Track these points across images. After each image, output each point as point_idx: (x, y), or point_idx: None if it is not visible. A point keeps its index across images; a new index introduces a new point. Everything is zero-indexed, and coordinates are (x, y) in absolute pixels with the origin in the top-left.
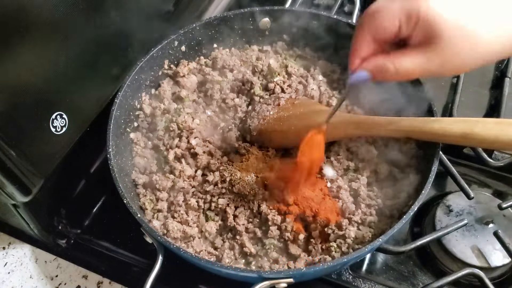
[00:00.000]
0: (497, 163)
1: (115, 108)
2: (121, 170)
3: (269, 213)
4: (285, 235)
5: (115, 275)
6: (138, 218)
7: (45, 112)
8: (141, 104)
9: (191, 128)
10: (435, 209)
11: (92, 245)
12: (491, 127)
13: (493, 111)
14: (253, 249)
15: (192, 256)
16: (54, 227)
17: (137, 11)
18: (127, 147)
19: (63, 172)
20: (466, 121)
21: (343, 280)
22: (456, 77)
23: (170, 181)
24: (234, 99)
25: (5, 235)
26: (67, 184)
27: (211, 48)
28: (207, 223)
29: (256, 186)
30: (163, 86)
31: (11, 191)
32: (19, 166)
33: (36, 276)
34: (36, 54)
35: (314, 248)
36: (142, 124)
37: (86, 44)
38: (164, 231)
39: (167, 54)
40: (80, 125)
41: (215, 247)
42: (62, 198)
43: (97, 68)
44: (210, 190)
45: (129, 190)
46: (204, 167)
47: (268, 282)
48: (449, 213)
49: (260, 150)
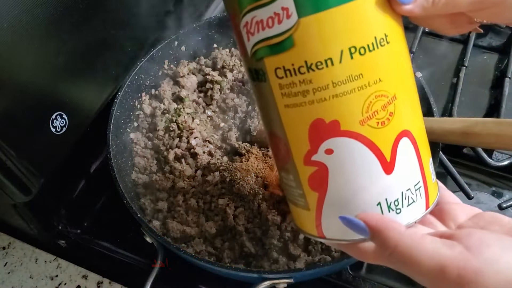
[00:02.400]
0: (497, 163)
1: (115, 108)
2: (121, 170)
3: (269, 213)
4: (285, 235)
5: (115, 275)
6: (138, 218)
7: (45, 112)
8: (141, 104)
9: (191, 128)
10: None
11: (92, 245)
12: (491, 127)
13: (493, 111)
14: (253, 249)
15: (192, 256)
16: (54, 227)
17: (137, 11)
18: (127, 147)
19: (63, 172)
20: (466, 121)
21: (343, 280)
22: (456, 77)
23: (170, 181)
24: (234, 99)
25: (5, 235)
26: (67, 184)
27: (211, 48)
28: (207, 223)
29: (256, 186)
30: (163, 86)
31: (11, 191)
32: (19, 166)
33: (36, 276)
34: (36, 54)
35: (314, 248)
36: (142, 124)
37: (86, 44)
38: (164, 231)
39: (167, 54)
40: (80, 125)
41: (215, 247)
42: (62, 198)
43: (97, 68)
44: (210, 190)
45: (129, 190)
46: (204, 167)
47: (268, 282)
48: None
49: (260, 150)
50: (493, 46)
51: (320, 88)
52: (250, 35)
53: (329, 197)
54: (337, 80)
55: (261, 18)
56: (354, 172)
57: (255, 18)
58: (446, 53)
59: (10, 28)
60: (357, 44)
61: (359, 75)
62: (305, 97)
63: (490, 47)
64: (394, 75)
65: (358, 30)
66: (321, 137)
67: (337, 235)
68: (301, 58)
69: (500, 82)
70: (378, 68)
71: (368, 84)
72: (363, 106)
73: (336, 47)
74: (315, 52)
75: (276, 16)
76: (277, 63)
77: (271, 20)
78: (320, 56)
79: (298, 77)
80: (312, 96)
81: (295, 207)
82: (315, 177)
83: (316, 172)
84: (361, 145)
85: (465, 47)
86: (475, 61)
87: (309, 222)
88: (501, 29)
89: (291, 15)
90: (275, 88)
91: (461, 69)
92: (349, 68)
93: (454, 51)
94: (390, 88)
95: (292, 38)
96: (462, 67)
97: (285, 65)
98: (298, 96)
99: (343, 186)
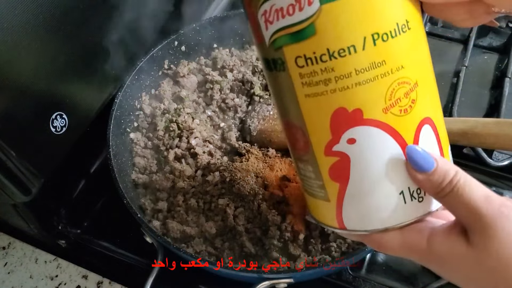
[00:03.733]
0: (497, 163)
1: (115, 108)
2: (121, 170)
3: (269, 213)
4: (285, 235)
5: (115, 275)
6: (138, 218)
7: (45, 112)
8: (141, 104)
9: (191, 128)
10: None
11: (92, 245)
12: (491, 127)
13: (493, 111)
14: (253, 249)
15: (192, 256)
16: (54, 227)
17: (137, 11)
18: (127, 147)
19: (63, 172)
20: (466, 121)
21: (343, 280)
22: (456, 77)
23: (170, 181)
24: (234, 99)
25: (5, 235)
26: (67, 184)
27: (211, 48)
28: (207, 223)
29: (256, 186)
30: (163, 86)
31: (11, 191)
32: (19, 166)
33: (36, 276)
34: (36, 54)
35: (314, 248)
36: (142, 124)
37: (86, 44)
38: (164, 231)
39: (167, 54)
40: (80, 125)
41: (215, 247)
42: (62, 198)
43: (97, 68)
44: (210, 190)
45: (129, 190)
46: (204, 167)
47: (268, 282)
48: None
49: (260, 150)
50: (493, 46)
51: (343, 76)
52: (269, 24)
53: (350, 188)
54: (360, 67)
55: (281, 6)
56: (377, 161)
57: (274, 6)
58: (446, 53)
59: (10, 28)
60: (380, 31)
61: (382, 61)
62: (327, 85)
63: (490, 47)
64: (415, 62)
65: (380, 16)
66: (343, 127)
67: (358, 226)
68: (323, 46)
69: (500, 82)
70: (401, 54)
71: (391, 71)
72: (386, 93)
73: (359, 33)
74: (337, 39)
75: (297, 3)
76: (298, 52)
77: (292, 7)
78: (342, 43)
79: (319, 65)
80: (335, 85)
81: (313, 199)
82: (336, 167)
83: (338, 163)
84: (384, 133)
85: (465, 47)
86: (475, 61)
87: (329, 214)
88: (501, 29)
89: (313, 2)
90: (295, 78)
91: (461, 69)
92: (372, 55)
93: (454, 51)
94: (412, 75)
95: (314, 25)
96: (462, 67)
97: (306, 54)
98: (319, 85)
99: (365, 175)
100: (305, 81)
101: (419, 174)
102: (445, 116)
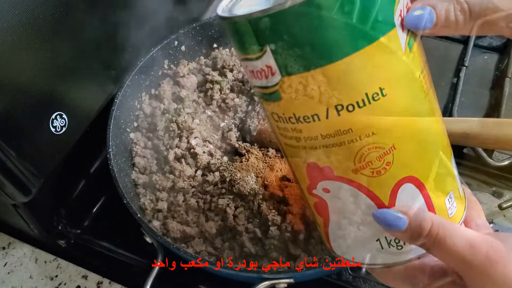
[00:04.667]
0: (497, 163)
1: (115, 108)
2: (121, 170)
3: (269, 213)
4: (285, 235)
5: (115, 275)
6: (138, 218)
7: (45, 112)
8: (141, 104)
9: (191, 128)
10: None
11: (92, 245)
12: (491, 127)
13: (493, 111)
14: (253, 249)
15: (192, 256)
16: (54, 227)
17: (137, 11)
18: (127, 147)
19: (63, 172)
20: (466, 121)
21: (343, 280)
22: (456, 77)
23: (170, 181)
24: (234, 99)
25: (5, 235)
26: (67, 184)
27: (211, 48)
28: (207, 223)
29: (256, 186)
30: (163, 86)
31: (11, 191)
32: (19, 166)
33: (36, 276)
34: (36, 54)
35: (314, 248)
36: (142, 124)
37: (86, 44)
38: (164, 231)
39: (167, 54)
40: (80, 125)
41: (215, 247)
42: (62, 198)
43: (97, 68)
44: (210, 190)
45: (129, 190)
46: (204, 167)
47: (268, 282)
48: None
49: (260, 150)
50: (494, 46)
51: (310, 138)
52: (250, 77)
53: (332, 225)
54: (325, 133)
55: (252, 69)
56: (351, 212)
57: (249, 67)
58: (446, 53)
59: (10, 28)
60: (344, 102)
61: (348, 130)
62: (298, 142)
63: (490, 47)
64: (392, 127)
65: (345, 88)
66: (317, 178)
67: (345, 255)
68: (289, 111)
69: (500, 82)
70: (371, 122)
71: (359, 137)
72: (355, 157)
73: (321, 105)
74: (301, 108)
75: (263, 71)
76: (272, 109)
77: (260, 73)
78: (306, 112)
79: (289, 125)
80: (304, 143)
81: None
82: (318, 205)
83: (319, 203)
84: (356, 190)
85: (465, 47)
86: (475, 61)
87: (323, 237)
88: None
89: (275, 73)
90: (274, 127)
91: (461, 69)
92: (337, 124)
93: (454, 51)
94: (386, 140)
95: (279, 92)
96: (462, 67)
97: (277, 113)
98: (292, 139)
99: (342, 221)
100: (281, 133)
101: (392, 232)
102: (445, 116)
